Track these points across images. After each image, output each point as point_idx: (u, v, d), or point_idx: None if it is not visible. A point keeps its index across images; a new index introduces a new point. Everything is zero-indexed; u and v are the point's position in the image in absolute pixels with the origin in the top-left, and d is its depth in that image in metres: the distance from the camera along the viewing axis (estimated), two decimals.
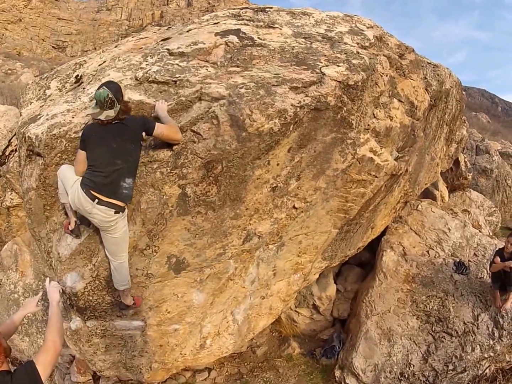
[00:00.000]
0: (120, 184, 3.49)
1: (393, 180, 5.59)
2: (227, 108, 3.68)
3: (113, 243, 3.72)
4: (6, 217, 7.57)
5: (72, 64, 5.41)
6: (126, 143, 3.49)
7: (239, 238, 4.29)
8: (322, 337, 7.09)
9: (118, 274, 3.88)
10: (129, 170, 3.53)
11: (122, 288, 3.97)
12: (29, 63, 32.58)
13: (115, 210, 3.49)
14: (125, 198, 3.55)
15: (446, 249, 7.14)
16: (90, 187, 3.48)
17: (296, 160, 4.16)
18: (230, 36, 4.57)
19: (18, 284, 6.66)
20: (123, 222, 3.66)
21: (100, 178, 3.48)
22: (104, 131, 3.52)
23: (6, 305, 6.55)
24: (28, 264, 6.80)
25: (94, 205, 3.45)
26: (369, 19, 6.02)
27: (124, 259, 3.83)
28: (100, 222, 3.55)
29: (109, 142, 3.49)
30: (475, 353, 5.76)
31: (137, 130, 3.53)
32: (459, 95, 7.90)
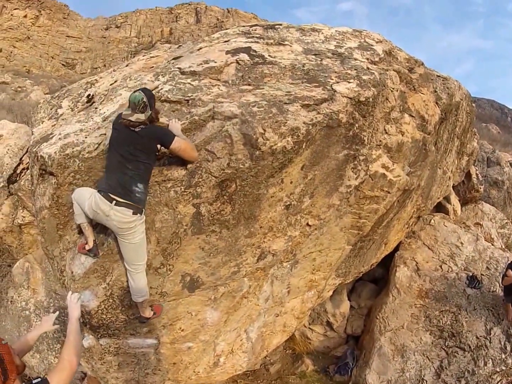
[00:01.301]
0: (133, 188, 3.49)
1: (406, 195, 5.56)
2: (240, 127, 3.68)
3: (132, 249, 3.66)
4: (18, 235, 7.58)
5: (84, 83, 5.45)
6: (139, 152, 3.49)
7: (253, 256, 4.27)
8: (335, 354, 7.03)
9: (136, 285, 3.82)
10: (140, 177, 3.53)
11: (141, 299, 3.90)
12: (38, 81, 32.98)
13: (133, 211, 3.47)
14: (139, 201, 3.53)
15: (459, 263, 7.11)
16: (107, 190, 3.49)
17: (309, 177, 4.15)
18: (241, 54, 4.60)
19: (30, 301, 6.65)
20: (142, 227, 3.62)
21: (114, 180, 3.51)
22: (124, 134, 3.55)
23: (17, 322, 6.54)
24: (39, 281, 6.80)
25: (112, 207, 3.45)
26: (377, 33, 6.05)
27: (142, 268, 3.78)
28: (119, 224, 3.51)
29: (124, 148, 3.51)
30: (487, 367, 5.73)
31: (153, 141, 3.53)
32: (469, 108, 7.88)
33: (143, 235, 3.67)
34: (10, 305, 6.66)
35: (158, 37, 51.92)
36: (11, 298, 6.73)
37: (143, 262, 3.76)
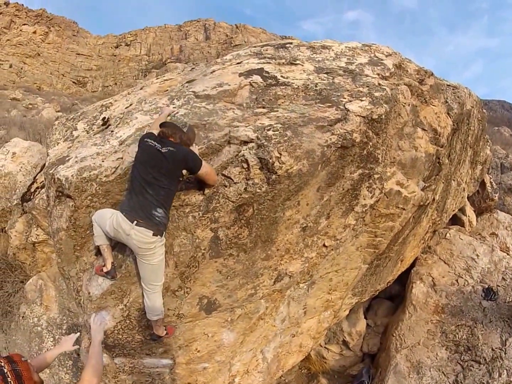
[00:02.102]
0: (152, 212, 3.48)
1: (421, 211, 5.54)
2: (256, 151, 3.70)
3: (150, 270, 3.65)
4: (31, 252, 7.62)
5: (99, 106, 5.50)
6: (162, 176, 3.49)
7: (270, 278, 4.27)
8: (351, 373, 6.95)
9: (152, 304, 3.82)
10: (159, 203, 3.51)
11: (156, 318, 3.90)
12: (50, 98, 33.29)
13: (153, 232, 3.46)
14: (159, 224, 3.52)
15: (474, 276, 7.06)
16: (128, 211, 3.50)
17: (325, 199, 4.15)
18: (254, 76, 4.64)
19: (42, 317, 6.67)
20: (162, 249, 3.62)
21: (135, 202, 3.52)
22: (149, 155, 3.57)
23: (28, 337, 6.56)
24: (53, 299, 6.83)
25: (132, 227, 3.44)
26: (386, 47, 6.07)
27: (158, 289, 3.77)
28: (139, 244, 3.49)
29: (147, 170, 3.52)
30: (502, 378, 5.64)
31: (179, 166, 3.53)
32: (480, 114, 7.83)
33: (162, 257, 3.66)
34: (22, 321, 6.69)
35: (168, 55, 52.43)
36: (23, 313, 6.76)
37: (160, 283, 3.76)
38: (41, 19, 59.43)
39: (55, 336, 6.35)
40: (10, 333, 6.64)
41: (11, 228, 7.43)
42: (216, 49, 50.74)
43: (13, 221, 7.52)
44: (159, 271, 3.70)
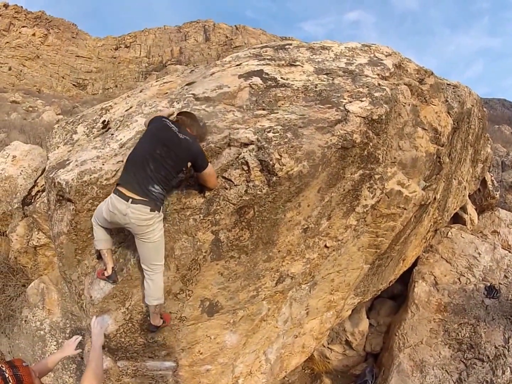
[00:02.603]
0: (149, 187, 3.40)
1: (422, 210, 5.53)
2: (256, 153, 3.70)
3: (152, 248, 3.56)
4: (32, 256, 7.63)
5: (98, 109, 5.49)
6: (169, 157, 3.45)
7: (272, 280, 4.26)
8: (354, 372, 6.95)
9: (153, 287, 3.69)
10: (158, 180, 3.43)
11: (156, 302, 3.76)
12: (50, 101, 33.28)
13: (151, 208, 3.37)
14: (156, 199, 3.43)
15: (477, 274, 7.05)
16: (123, 185, 3.42)
17: (326, 200, 4.15)
18: (253, 78, 4.63)
19: (45, 321, 6.67)
20: (160, 224, 3.53)
21: (131, 175, 3.45)
22: (164, 133, 3.54)
23: (31, 341, 6.56)
24: (55, 302, 6.83)
25: (128, 205, 3.35)
26: (386, 47, 6.06)
27: (160, 268, 3.67)
28: (137, 222, 3.39)
29: (156, 145, 3.48)
30: (505, 376, 5.66)
31: (188, 156, 3.50)
32: (480, 113, 7.82)
33: (162, 232, 3.58)
34: (24, 325, 6.69)
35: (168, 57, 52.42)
36: (25, 317, 6.76)
37: (161, 262, 3.67)
38: (40, 21, 59.37)
39: (58, 340, 6.34)
40: (13, 337, 6.64)
41: (12, 232, 7.43)
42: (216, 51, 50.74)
43: (14, 224, 7.52)
44: (160, 249, 3.62)
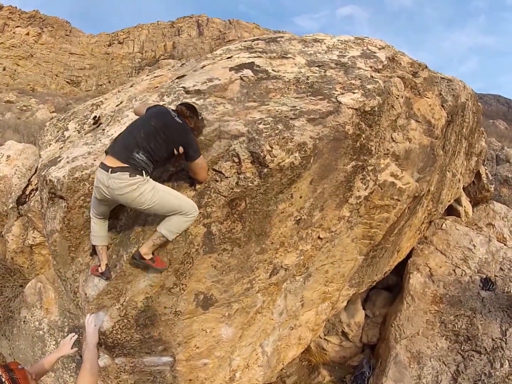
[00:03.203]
0: (133, 154, 3.30)
1: (416, 202, 5.53)
2: (247, 145, 3.69)
3: (159, 208, 3.40)
4: (29, 255, 7.60)
5: (89, 105, 5.49)
6: (161, 133, 3.39)
7: (266, 272, 4.26)
8: (352, 364, 6.97)
9: (177, 221, 3.49)
10: (145, 149, 3.33)
11: (164, 232, 3.51)
12: (43, 99, 33.18)
13: (129, 173, 3.24)
14: (137, 165, 3.29)
15: (472, 266, 7.06)
16: (108, 154, 3.38)
17: (319, 191, 4.14)
18: (244, 70, 4.62)
19: (43, 321, 6.64)
20: (149, 186, 3.33)
21: (120, 143, 3.42)
22: (163, 114, 3.53)
23: (30, 342, 6.54)
24: (53, 301, 6.80)
25: (109, 175, 3.25)
26: (379, 40, 6.05)
27: (192, 213, 3.48)
28: (120, 191, 3.26)
29: (153, 120, 3.46)
30: (504, 369, 5.66)
31: (180, 140, 3.44)
32: (475, 107, 7.84)
33: (155, 191, 3.35)
34: (23, 325, 6.67)
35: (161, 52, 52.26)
36: (24, 318, 6.74)
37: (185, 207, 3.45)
38: (34, 20, 59.09)
39: (57, 339, 6.29)
40: (13, 339, 6.61)
41: (7, 232, 7.39)
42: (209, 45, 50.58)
43: (10, 224, 7.48)
44: (170, 200, 3.42)
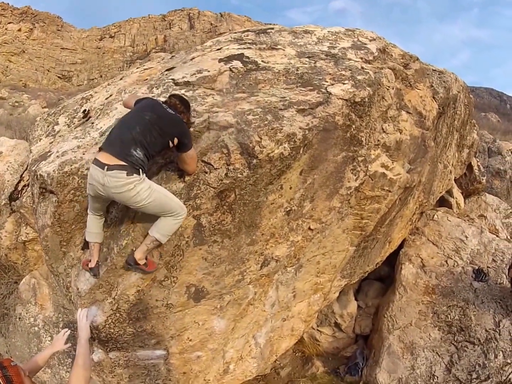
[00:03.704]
0: (131, 150, 3.24)
1: (407, 193, 5.55)
2: (236, 136, 3.67)
3: (151, 209, 3.38)
4: (22, 251, 7.58)
5: (79, 99, 5.47)
6: (156, 126, 3.36)
7: (257, 263, 4.26)
8: (345, 355, 7.00)
9: (167, 223, 3.48)
10: (142, 145, 3.29)
11: (157, 236, 3.50)
12: (35, 95, 32.99)
13: (127, 172, 3.17)
14: (135, 162, 3.23)
15: (464, 257, 7.09)
16: (103, 151, 3.29)
17: (309, 182, 4.14)
18: (234, 62, 4.60)
19: (38, 317, 6.64)
20: (145, 185, 3.28)
21: (115, 136, 3.34)
22: (155, 105, 3.51)
23: (26, 338, 6.54)
24: (47, 297, 6.80)
25: (104, 173, 3.18)
26: (371, 31, 6.05)
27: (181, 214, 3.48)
28: (116, 190, 3.21)
29: (147, 112, 3.42)
30: (498, 360, 5.69)
31: (175, 132, 3.42)
32: (467, 99, 7.86)
33: (151, 190, 3.31)
34: (19, 322, 6.66)
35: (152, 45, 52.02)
36: (19, 315, 6.73)
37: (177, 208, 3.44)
38: (26, 16, 58.60)
39: (53, 335, 6.28)
40: (9, 336, 6.61)
41: (0, 229, 7.37)
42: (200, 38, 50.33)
43: (3, 221, 7.45)
44: (164, 200, 3.40)
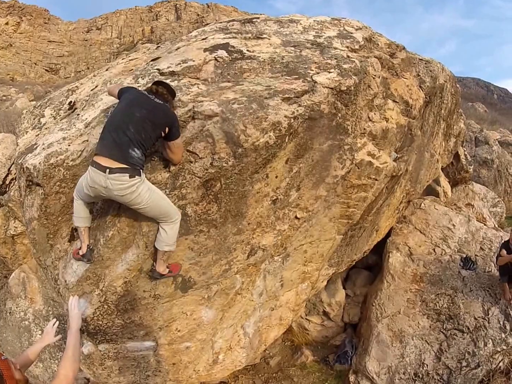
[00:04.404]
0: (129, 151, 3.28)
1: (394, 181, 5.57)
2: (221, 125, 3.66)
3: (149, 211, 3.46)
4: (11, 246, 7.55)
5: (65, 90, 5.43)
6: (148, 121, 3.37)
7: (244, 253, 4.27)
8: (334, 343, 7.06)
9: (168, 232, 3.59)
10: (138, 142, 3.32)
11: (167, 248, 3.67)
12: (23, 88, 32.62)
13: (129, 174, 3.23)
14: (136, 163, 3.30)
15: (452, 245, 7.15)
16: (100, 154, 3.29)
17: (295, 170, 4.15)
18: (219, 51, 4.57)
19: (28, 311, 6.65)
20: (145, 186, 3.37)
21: (110, 140, 3.32)
22: (142, 98, 3.50)
23: (17, 333, 6.54)
24: (36, 290, 6.80)
25: (107, 176, 3.21)
26: (357, 21, 6.03)
27: (175, 216, 3.57)
28: (119, 192, 3.26)
29: (135, 108, 3.42)
30: (488, 348, 5.75)
31: (165, 121, 3.43)
32: (453, 89, 7.89)
33: (151, 192, 3.42)
34: (9, 317, 6.66)
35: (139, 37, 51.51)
36: (9, 309, 6.72)
37: (172, 211, 3.56)
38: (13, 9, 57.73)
39: (43, 329, 6.30)
40: (0, 331, 6.61)
41: None
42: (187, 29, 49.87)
43: None
44: (161, 203, 3.49)
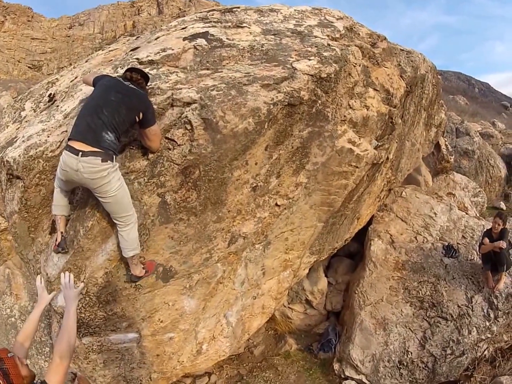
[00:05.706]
0: (102, 134, 3.28)
1: (375, 169, 5.61)
2: (199, 112, 3.65)
3: (113, 202, 3.43)
4: None
5: (45, 83, 5.41)
6: (122, 105, 3.38)
7: (224, 241, 4.27)
8: (317, 331, 7.10)
9: (127, 237, 3.60)
10: (112, 126, 3.32)
11: (132, 253, 3.67)
12: (6, 86, 32.10)
13: (102, 158, 3.22)
14: (109, 147, 3.29)
15: (433, 233, 7.19)
16: (74, 138, 3.28)
17: (274, 157, 4.15)
18: (198, 40, 4.56)
19: (14, 307, 6.58)
20: (117, 174, 3.38)
21: (83, 124, 3.32)
22: (117, 83, 3.52)
23: (4, 330, 6.46)
24: (21, 286, 6.73)
25: (78, 159, 3.19)
26: (338, 11, 6.05)
27: (131, 219, 3.55)
28: (90, 176, 3.24)
29: (111, 92, 3.43)
30: (472, 336, 5.79)
31: (139, 107, 3.43)
32: (435, 80, 7.95)
33: (121, 182, 3.44)
34: None
35: (121, 32, 50.90)
36: None
37: (131, 212, 3.56)
38: None
39: None
40: None
41: None
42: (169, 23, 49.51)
43: None
44: (125, 200, 3.50)
